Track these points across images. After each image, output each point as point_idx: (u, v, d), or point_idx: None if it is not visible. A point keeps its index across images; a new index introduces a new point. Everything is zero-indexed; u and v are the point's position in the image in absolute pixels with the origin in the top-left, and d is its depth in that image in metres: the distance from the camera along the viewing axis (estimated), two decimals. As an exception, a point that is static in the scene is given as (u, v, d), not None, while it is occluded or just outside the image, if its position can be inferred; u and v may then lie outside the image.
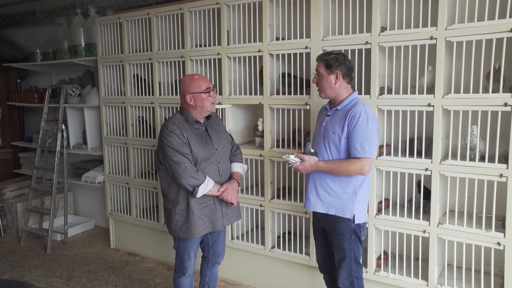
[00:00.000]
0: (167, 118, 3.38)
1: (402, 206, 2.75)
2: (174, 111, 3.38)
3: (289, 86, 2.97)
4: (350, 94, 2.33)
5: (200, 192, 2.40)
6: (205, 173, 2.46)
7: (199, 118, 2.52)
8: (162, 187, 2.56)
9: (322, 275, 2.63)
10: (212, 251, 2.72)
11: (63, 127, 4.33)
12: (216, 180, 2.50)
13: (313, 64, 2.78)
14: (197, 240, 2.60)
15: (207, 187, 2.42)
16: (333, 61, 2.27)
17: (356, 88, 2.60)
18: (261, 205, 3.15)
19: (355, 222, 2.29)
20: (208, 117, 2.58)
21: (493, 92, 2.27)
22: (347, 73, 2.30)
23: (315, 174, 2.37)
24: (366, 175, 2.29)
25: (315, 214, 2.49)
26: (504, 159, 2.32)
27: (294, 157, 2.34)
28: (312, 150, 2.35)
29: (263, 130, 3.10)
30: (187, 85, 2.47)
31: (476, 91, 2.36)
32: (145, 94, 3.71)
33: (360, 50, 2.64)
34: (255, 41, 3.06)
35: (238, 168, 2.66)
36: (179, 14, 3.39)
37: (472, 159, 2.37)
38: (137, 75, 3.77)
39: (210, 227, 2.54)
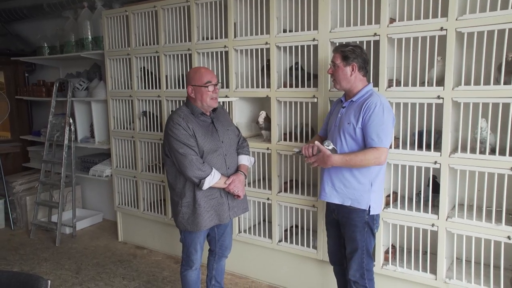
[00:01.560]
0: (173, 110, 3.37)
1: (410, 200, 2.72)
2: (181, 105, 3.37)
3: (298, 78, 2.94)
4: (365, 86, 2.31)
5: (206, 184, 2.39)
6: (212, 165, 2.45)
7: (204, 110, 2.51)
8: (169, 180, 2.56)
9: (332, 267, 2.62)
10: (219, 244, 2.72)
11: (71, 120, 4.34)
12: (223, 173, 2.49)
13: (321, 56, 2.76)
14: (204, 233, 2.60)
15: (214, 179, 2.41)
16: (350, 52, 2.26)
17: (371, 81, 2.56)
18: (268, 199, 3.14)
19: (371, 213, 2.29)
20: (214, 110, 2.56)
21: (504, 84, 2.23)
22: (363, 65, 2.29)
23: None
24: (382, 166, 2.28)
25: (328, 205, 2.48)
26: (515, 152, 2.28)
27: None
28: (329, 147, 2.31)
29: (263, 122, 3.09)
30: (191, 77, 2.47)
31: (487, 83, 2.32)
32: (152, 88, 3.70)
33: (368, 42, 2.60)
34: (262, 33, 3.03)
35: (245, 160, 2.64)
36: (186, 7, 3.37)
37: (482, 152, 2.34)
38: (144, 67, 3.77)
39: (217, 219, 2.53)
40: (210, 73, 2.49)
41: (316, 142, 2.30)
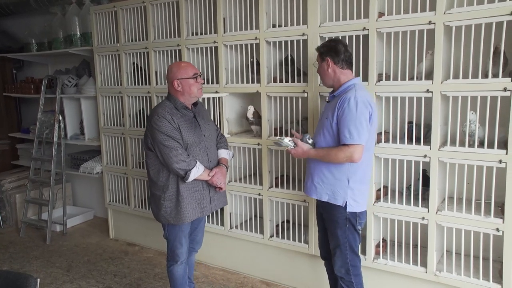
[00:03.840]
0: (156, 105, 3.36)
1: (401, 193, 2.73)
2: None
3: (291, 72, 2.92)
4: (348, 80, 2.28)
5: (192, 176, 2.42)
6: (195, 158, 2.48)
7: (187, 104, 2.55)
8: (151, 174, 2.57)
9: (323, 262, 2.62)
10: (191, 239, 2.75)
11: (60, 117, 4.31)
12: (205, 166, 2.53)
13: (311, 51, 2.76)
14: (187, 226, 2.61)
15: (198, 171, 2.44)
16: (323, 48, 2.29)
17: (356, 74, 2.55)
18: (259, 194, 3.14)
19: (348, 210, 2.26)
20: (195, 104, 2.61)
21: (493, 76, 2.25)
22: (338, 58, 2.24)
23: (313, 161, 2.36)
24: (361, 163, 2.23)
25: (317, 200, 2.48)
26: (503, 145, 2.30)
27: (288, 141, 2.35)
28: (309, 141, 2.34)
29: (252, 117, 3.09)
30: (175, 72, 2.50)
31: (475, 76, 2.33)
32: (142, 84, 3.68)
33: (357, 36, 2.60)
34: (251, 28, 3.02)
35: (225, 154, 2.70)
36: (175, 2, 3.34)
37: (471, 145, 2.35)
38: (135, 63, 3.74)
39: (199, 212, 2.56)
40: (192, 65, 2.60)
41: (294, 138, 2.37)
